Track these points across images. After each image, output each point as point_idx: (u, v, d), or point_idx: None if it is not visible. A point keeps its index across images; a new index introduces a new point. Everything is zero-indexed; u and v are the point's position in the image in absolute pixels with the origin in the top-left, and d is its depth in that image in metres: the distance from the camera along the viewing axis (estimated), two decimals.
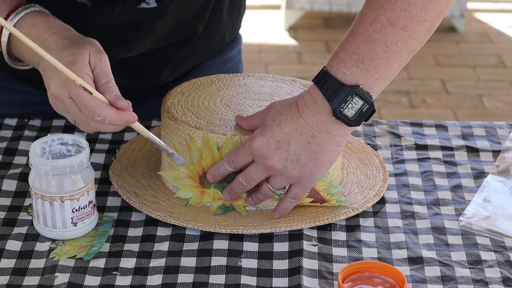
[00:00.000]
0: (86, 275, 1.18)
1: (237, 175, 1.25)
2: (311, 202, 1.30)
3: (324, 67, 1.21)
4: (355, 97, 1.18)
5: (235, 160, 1.24)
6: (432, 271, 1.20)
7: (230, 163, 1.25)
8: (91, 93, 1.18)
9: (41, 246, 1.24)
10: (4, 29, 1.27)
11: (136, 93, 1.41)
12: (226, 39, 1.59)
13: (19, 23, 1.26)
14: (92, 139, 1.47)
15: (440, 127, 1.55)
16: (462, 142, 1.50)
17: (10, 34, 1.27)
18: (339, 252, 1.24)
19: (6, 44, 1.28)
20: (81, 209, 1.23)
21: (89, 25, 1.31)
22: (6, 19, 1.26)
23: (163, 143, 1.26)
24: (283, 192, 1.26)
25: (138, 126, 1.23)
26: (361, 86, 1.19)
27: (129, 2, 1.37)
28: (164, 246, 1.24)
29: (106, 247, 1.24)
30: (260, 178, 1.24)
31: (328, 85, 1.19)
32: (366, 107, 1.19)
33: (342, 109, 1.18)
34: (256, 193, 1.27)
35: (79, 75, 1.18)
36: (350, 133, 1.24)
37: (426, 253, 1.24)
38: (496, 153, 1.47)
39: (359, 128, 1.53)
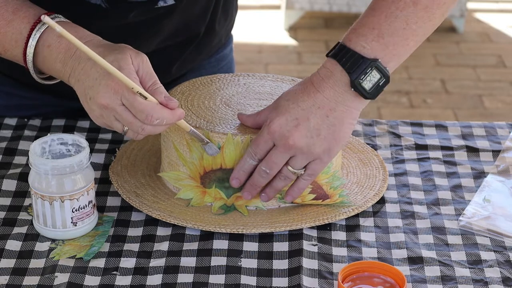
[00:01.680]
0: (86, 275, 1.18)
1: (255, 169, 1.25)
2: (313, 199, 1.30)
3: (339, 42, 1.24)
4: (374, 70, 1.21)
5: (257, 151, 1.24)
6: (432, 271, 1.20)
7: (253, 157, 1.24)
8: (145, 98, 1.17)
9: (41, 246, 1.24)
10: (30, 42, 1.23)
11: None
12: (222, 40, 1.60)
13: (46, 33, 1.23)
14: (92, 139, 1.47)
15: (440, 127, 1.55)
16: (462, 142, 1.50)
17: (35, 47, 1.23)
18: (339, 252, 1.24)
19: (32, 57, 1.24)
20: (81, 209, 1.23)
21: (101, 26, 1.30)
22: (32, 29, 1.22)
23: (200, 133, 1.25)
24: (302, 172, 1.25)
25: (182, 122, 1.23)
26: (379, 60, 1.22)
27: (147, 2, 1.37)
28: (164, 246, 1.24)
29: (106, 247, 1.24)
30: (283, 162, 1.24)
31: (347, 58, 1.22)
32: (383, 81, 1.22)
33: (361, 81, 1.21)
34: (272, 183, 1.26)
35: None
36: (364, 107, 1.25)
37: (426, 253, 1.24)
38: (496, 153, 1.47)
39: (359, 128, 1.53)
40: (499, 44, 4.28)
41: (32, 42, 1.23)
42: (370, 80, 1.22)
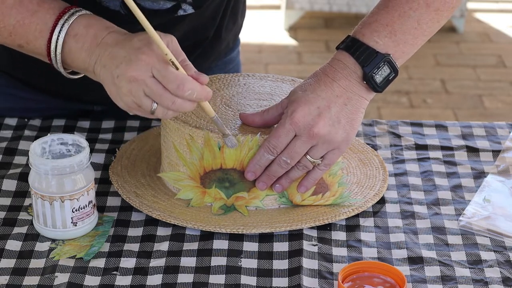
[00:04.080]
0: (86, 275, 1.18)
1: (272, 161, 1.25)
2: (313, 193, 1.30)
3: (349, 35, 1.27)
4: (386, 65, 1.26)
5: (276, 144, 1.25)
6: (432, 271, 1.20)
7: (270, 151, 1.25)
8: (177, 69, 1.17)
9: (41, 246, 1.24)
10: (55, 31, 1.22)
11: None
12: (230, 44, 1.60)
13: (74, 24, 1.22)
14: (92, 139, 1.47)
15: (440, 127, 1.55)
16: (462, 142, 1.50)
17: (59, 40, 1.22)
18: (339, 252, 1.24)
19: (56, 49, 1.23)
20: (81, 209, 1.23)
21: None
22: (58, 19, 1.22)
23: (222, 123, 1.25)
24: (320, 161, 1.26)
25: (207, 104, 1.22)
26: (391, 56, 1.26)
27: (166, 11, 1.37)
28: (164, 246, 1.24)
29: (106, 247, 1.24)
30: (304, 151, 1.25)
31: (361, 52, 1.26)
32: (392, 75, 1.27)
33: (374, 74, 1.25)
34: (289, 173, 1.27)
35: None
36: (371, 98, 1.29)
37: (426, 253, 1.24)
38: (496, 153, 1.47)
39: (359, 128, 1.53)
40: (499, 44, 4.28)
41: (58, 32, 1.23)
42: (381, 74, 1.26)
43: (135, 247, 1.24)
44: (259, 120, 1.29)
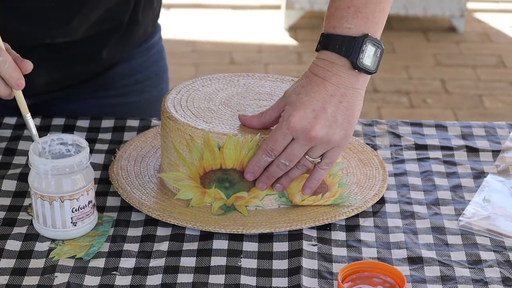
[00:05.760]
0: (86, 275, 1.18)
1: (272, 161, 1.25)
2: (313, 193, 1.30)
3: (322, 34, 1.26)
4: (368, 45, 1.24)
5: (274, 147, 1.25)
6: (432, 271, 1.20)
7: (269, 153, 1.25)
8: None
9: (40, 246, 1.24)
10: None
11: (69, 85, 1.39)
12: (148, 29, 1.62)
13: None
14: (92, 139, 1.47)
15: (440, 127, 1.55)
16: (462, 142, 1.50)
17: None
18: (338, 252, 1.24)
19: None
20: (81, 209, 1.23)
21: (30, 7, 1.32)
22: None
23: (33, 128, 1.24)
24: (320, 160, 1.26)
25: (20, 96, 1.23)
26: (369, 34, 1.25)
27: None
28: (164, 246, 1.24)
29: (105, 247, 1.24)
30: (302, 153, 1.25)
31: (340, 44, 1.24)
32: (379, 51, 1.25)
33: (362, 60, 1.24)
34: (289, 172, 1.27)
35: None
36: (367, 83, 1.28)
37: (425, 253, 1.24)
38: (496, 153, 1.47)
39: (359, 128, 1.53)
40: (499, 44, 4.28)
41: None
42: (368, 55, 1.24)
43: (134, 247, 1.24)
44: (257, 123, 1.29)
